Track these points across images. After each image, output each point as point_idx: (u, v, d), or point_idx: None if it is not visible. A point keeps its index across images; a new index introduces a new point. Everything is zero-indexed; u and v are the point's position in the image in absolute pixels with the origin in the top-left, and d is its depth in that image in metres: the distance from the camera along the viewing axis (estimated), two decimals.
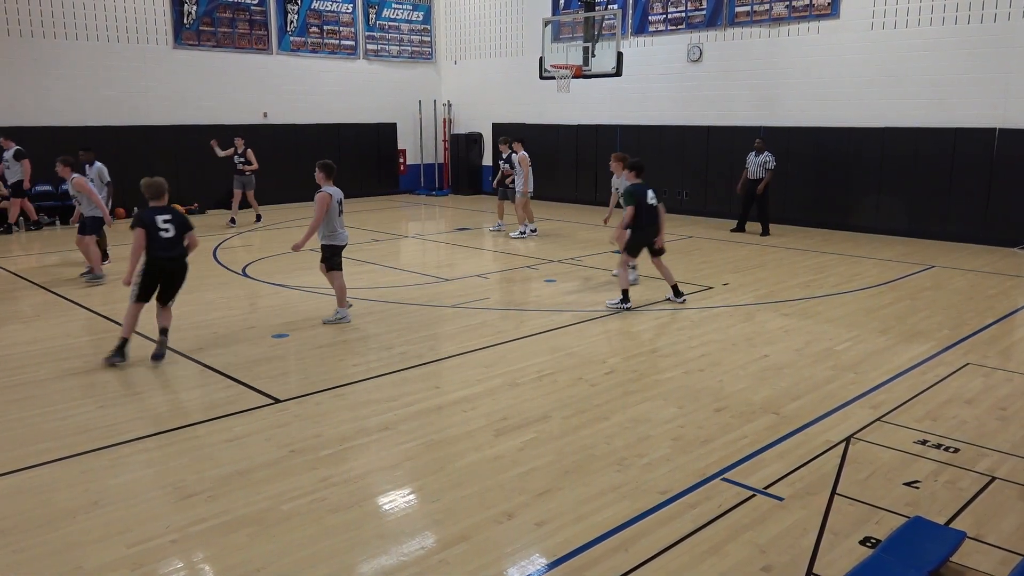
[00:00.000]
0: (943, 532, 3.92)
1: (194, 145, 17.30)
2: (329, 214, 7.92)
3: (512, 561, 3.88)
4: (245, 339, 7.73)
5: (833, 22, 14.43)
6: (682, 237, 14.07)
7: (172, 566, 3.84)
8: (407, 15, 20.98)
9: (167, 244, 6.82)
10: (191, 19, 17.24)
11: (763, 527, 4.15)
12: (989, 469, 4.85)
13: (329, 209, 7.90)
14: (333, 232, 8.05)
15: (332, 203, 7.93)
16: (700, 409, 5.85)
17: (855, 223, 14.55)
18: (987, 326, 8.18)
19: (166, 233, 6.81)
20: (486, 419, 5.65)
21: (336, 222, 8.02)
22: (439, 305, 9.16)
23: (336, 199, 8.00)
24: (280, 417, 5.72)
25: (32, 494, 4.56)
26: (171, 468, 4.90)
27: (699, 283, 10.16)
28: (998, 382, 6.47)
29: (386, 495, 4.61)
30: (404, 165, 21.63)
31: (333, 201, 7.95)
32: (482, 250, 13.13)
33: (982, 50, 12.82)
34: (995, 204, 13.02)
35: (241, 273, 10.90)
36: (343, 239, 8.16)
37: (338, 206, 8.03)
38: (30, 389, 6.35)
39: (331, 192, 7.97)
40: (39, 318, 8.68)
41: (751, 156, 13.99)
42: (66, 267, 11.22)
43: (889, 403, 5.96)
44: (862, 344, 7.50)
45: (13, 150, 13.90)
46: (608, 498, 4.47)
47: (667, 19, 16.85)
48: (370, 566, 3.85)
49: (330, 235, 8.06)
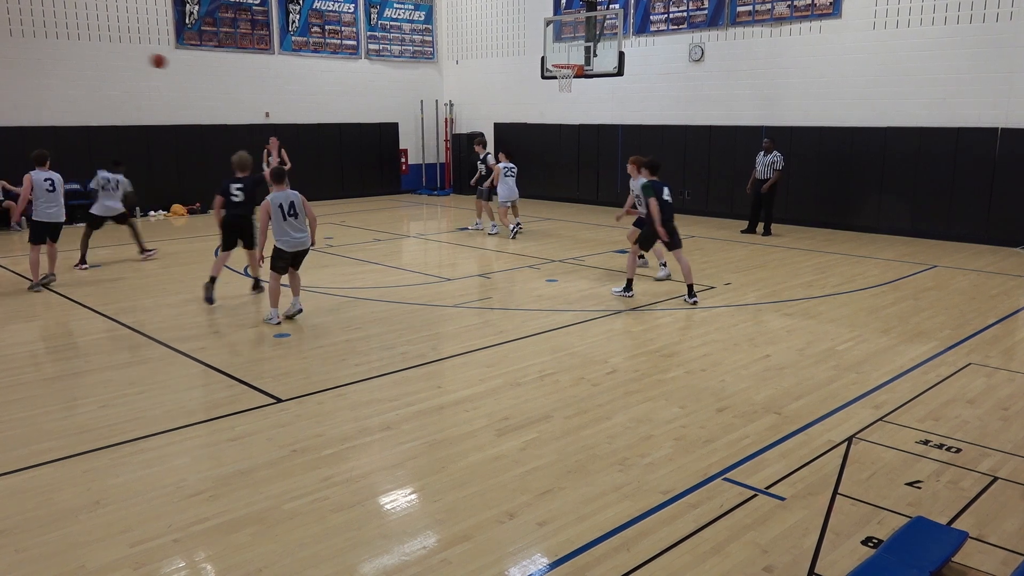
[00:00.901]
0: (945, 532, 3.92)
1: (196, 145, 17.33)
2: (274, 219, 8.03)
3: (514, 561, 3.87)
4: (247, 339, 7.74)
5: (835, 21, 14.42)
6: (684, 237, 14.01)
7: (174, 565, 3.84)
8: (409, 15, 20.99)
9: (235, 205, 9.06)
10: (193, 19, 17.25)
11: (765, 527, 4.15)
12: (991, 469, 4.84)
13: (271, 214, 8.02)
14: (279, 236, 8.12)
15: (272, 208, 8.00)
16: (702, 409, 5.85)
17: (857, 223, 14.54)
18: (989, 326, 8.17)
19: (236, 198, 9.03)
20: (488, 419, 5.65)
21: (284, 226, 8.07)
22: (441, 305, 9.16)
23: (276, 204, 8.00)
24: (282, 417, 5.73)
25: (34, 494, 4.56)
26: (173, 468, 4.90)
27: (701, 283, 10.15)
28: (1000, 382, 6.46)
29: (388, 495, 4.61)
30: (406, 165, 21.63)
31: (273, 206, 8.00)
32: (484, 250, 13.13)
33: (984, 50, 12.80)
34: (997, 204, 13.00)
35: (243, 273, 10.91)
36: (287, 244, 8.15)
37: (280, 211, 8.01)
38: (32, 388, 6.36)
39: (272, 199, 8.03)
40: (40, 317, 8.68)
41: (760, 156, 13.96)
42: (68, 266, 11.23)
43: (891, 403, 5.96)
44: (864, 344, 7.50)
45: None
46: (610, 498, 4.47)
47: (669, 19, 16.84)
48: (372, 566, 3.85)
49: (277, 238, 8.17)
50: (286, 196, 8.07)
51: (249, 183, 9.12)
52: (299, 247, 8.23)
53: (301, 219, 8.16)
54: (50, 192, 9.95)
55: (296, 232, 8.14)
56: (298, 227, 8.15)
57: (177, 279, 10.55)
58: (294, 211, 8.07)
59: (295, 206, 8.09)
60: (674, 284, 10.10)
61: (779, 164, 13.76)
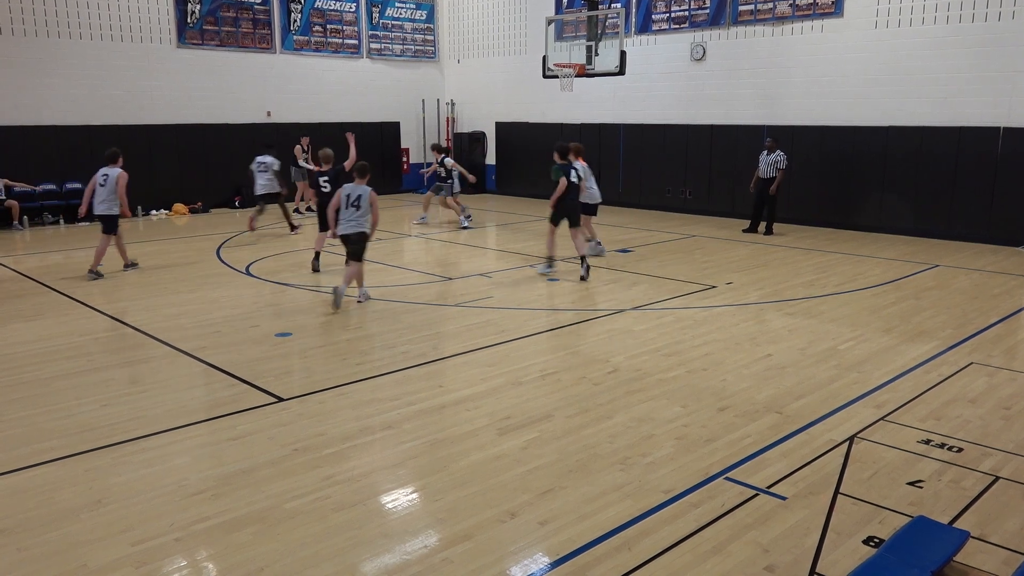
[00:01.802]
0: (947, 532, 3.91)
1: (197, 144, 17.34)
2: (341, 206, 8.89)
3: (515, 560, 3.88)
4: (248, 338, 7.74)
5: (837, 21, 14.41)
6: (685, 236, 14.06)
7: (176, 564, 3.85)
8: (410, 14, 20.99)
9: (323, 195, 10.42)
10: (195, 18, 17.25)
11: (766, 526, 4.15)
12: (993, 469, 4.84)
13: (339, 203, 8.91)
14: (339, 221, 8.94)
15: (341, 197, 8.88)
16: (703, 408, 5.84)
17: (859, 222, 14.53)
18: (991, 325, 8.16)
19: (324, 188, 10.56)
20: (489, 418, 5.65)
21: (343, 213, 8.86)
22: (442, 304, 9.16)
23: (344, 194, 8.86)
24: (283, 416, 5.73)
25: (35, 493, 4.57)
26: (174, 467, 4.91)
27: (702, 282, 10.15)
28: (1002, 382, 6.45)
29: (389, 494, 4.61)
30: (407, 164, 21.63)
31: (343, 195, 8.86)
32: (485, 249, 13.13)
33: (987, 49, 12.78)
34: (999, 203, 12.98)
35: (245, 272, 10.92)
36: (340, 228, 8.92)
37: (346, 200, 8.84)
38: (33, 388, 6.36)
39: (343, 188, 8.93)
40: (42, 316, 8.69)
41: (763, 155, 13.94)
42: (70, 266, 11.24)
43: (893, 402, 5.95)
44: (865, 343, 7.49)
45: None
46: (611, 497, 4.47)
47: (670, 18, 16.83)
48: (373, 565, 3.85)
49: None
50: (355, 189, 8.83)
51: (332, 174, 10.70)
52: (347, 232, 8.83)
53: (363, 211, 8.80)
54: (100, 187, 10.41)
55: (348, 220, 8.82)
56: (352, 217, 8.80)
57: (179, 278, 10.55)
58: (358, 203, 8.79)
59: (360, 199, 8.79)
60: (676, 284, 10.11)
61: (782, 163, 13.74)
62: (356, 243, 8.85)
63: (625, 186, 18.08)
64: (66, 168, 15.82)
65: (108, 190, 10.29)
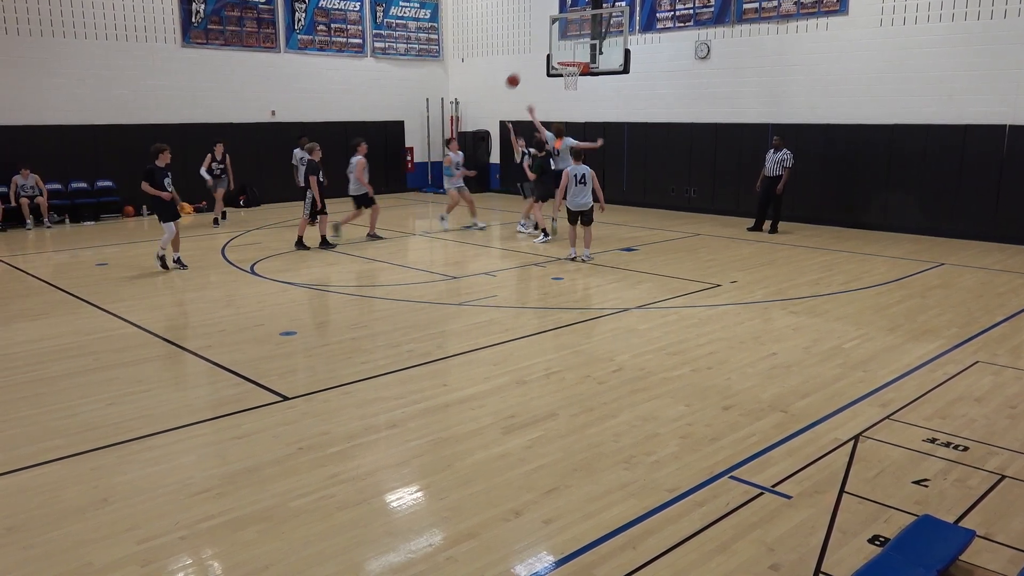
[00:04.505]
0: (952, 531, 3.90)
1: (202, 143, 17.33)
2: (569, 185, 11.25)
3: (520, 558, 3.87)
4: (253, 337, 7.75)
5: (842, 18, 14.37)
6: (689, 235, 14.04)
7: (180, 563, 3.85)
8: (414, 13, 20.98)
9: (577, 192, 11.39)
10: (199, 18, 17.28)
11: (771, 525, 4.14)
12: (998, 468, 4.82)
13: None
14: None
15: (568, 176, 11.24)
16: (708, 407, 5.84)
17: (864, 220, 14.49)
18: (997, 324, 8.13)
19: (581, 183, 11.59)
20: (493, 417, 5.65)
21: (573, 190, 11.26)
22: (446, 303, 9.17)
23: (572, 174, 11.20)
24: (288, 414, 5.74)
25: (40, 491, 4.58)
26: (179, 465, 4.91)
27: (707, 281, 10.14)
28: (1008, 380, 6.43)
29: (394, 492, 4.61)
30: (411, 163, 21.64)
31: (569, 174, 11.25)
32: (489, 248, 13.13)
33: (992, 46, 12.73)
34: (1005, 201, 12.94)
35: (249, 271, 10.93)
36: (574, 206, 11.44)
37: (574, 178, 11.21)
38: (38, 386, 6.38)
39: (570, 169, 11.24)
40: (47, 315, 8.71)
41: (769, 154, 13.91)
42: (71, 265, 11.27)
43: (898, 401, 5.94)
44: (871, 342, 7.47)
45: None
46: (616, 496, 4.46)
47: (675, 16, 16.80)
48: (378, 563, 3.85)
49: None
50: (578, 169, 11.19)
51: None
52: (579, 206, 11.39)
53: (589, 186, 11.21)
54: (349, 174, 12.98)
55: (577, 196, 11.30)
56: (582, 192, 11.21)
57: (183, 277, 10.57)
58: (584, 180, 11.14)
59: (585, 177, 11.21)
60: (681, 282, 10.09)
61: (789, 162, 13.70)
62: (588, 214, 11.28)
63: (629, 185, 18.05)
64: (70, 168, 15.86)
65: (352, 175, 12.91)
